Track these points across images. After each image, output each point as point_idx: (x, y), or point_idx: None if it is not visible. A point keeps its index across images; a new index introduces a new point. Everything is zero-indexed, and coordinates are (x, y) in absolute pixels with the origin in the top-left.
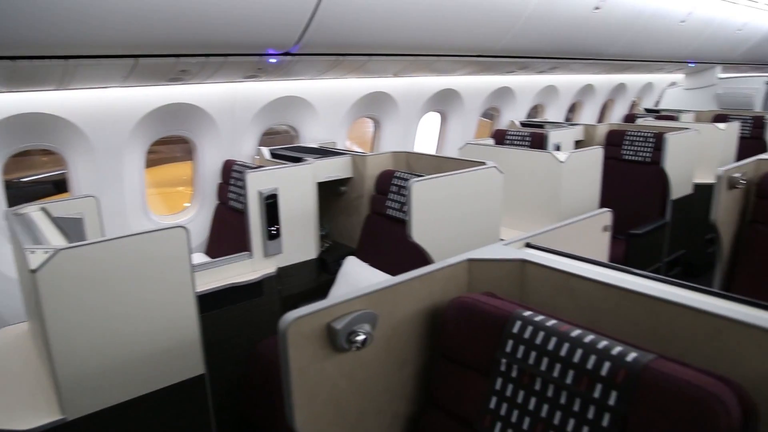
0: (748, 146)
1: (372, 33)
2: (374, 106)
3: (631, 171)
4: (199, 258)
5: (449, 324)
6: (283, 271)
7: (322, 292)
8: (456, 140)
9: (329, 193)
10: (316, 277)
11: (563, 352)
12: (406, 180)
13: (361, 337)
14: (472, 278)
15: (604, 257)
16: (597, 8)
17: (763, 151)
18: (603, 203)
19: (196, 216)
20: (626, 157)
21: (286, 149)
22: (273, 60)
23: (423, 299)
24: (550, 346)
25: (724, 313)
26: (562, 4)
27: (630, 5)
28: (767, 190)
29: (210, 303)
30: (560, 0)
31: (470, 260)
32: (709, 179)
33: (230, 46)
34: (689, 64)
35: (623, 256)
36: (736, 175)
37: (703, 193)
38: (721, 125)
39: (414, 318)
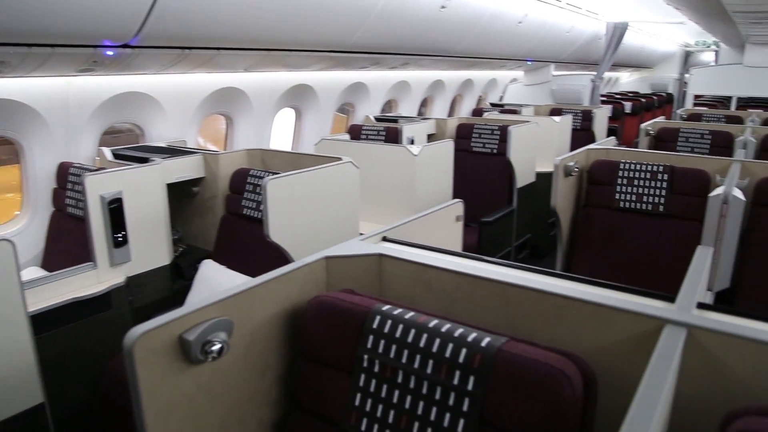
0: (579, 137)
1: (219, 26)
2: (226, 102)
3: (480, 162)
4: (34, 273)
5: (309, 324)
6: (133, 281)
7: (178, 299)
8: (312, 136)
9: (181, 194)
10: (172, 285)
11: (422, 343)
12: (261, 178)
13: (216, 347)
14: (331, 276)
15: (458, 246)
16: (443, 7)
17: (592, 141)
18: (456, 194)
19: (28, 226)
20: (475, 149)
21: (131, 149)
22: (110, 53)
23: (281, 301)
24: (410, 338)
25: (566, 293)
26: (411, 3)
27: (472, 6)
28: (597, 177)
29: (48, 322)
30: None
31: (327, 258)
32: (548, 168)
33: (57, 36)
34: (527, 62)
35: (477, 242)
36: (571, 163)
37: (544, 180)
38: (557, 118)
39: (273, 321)
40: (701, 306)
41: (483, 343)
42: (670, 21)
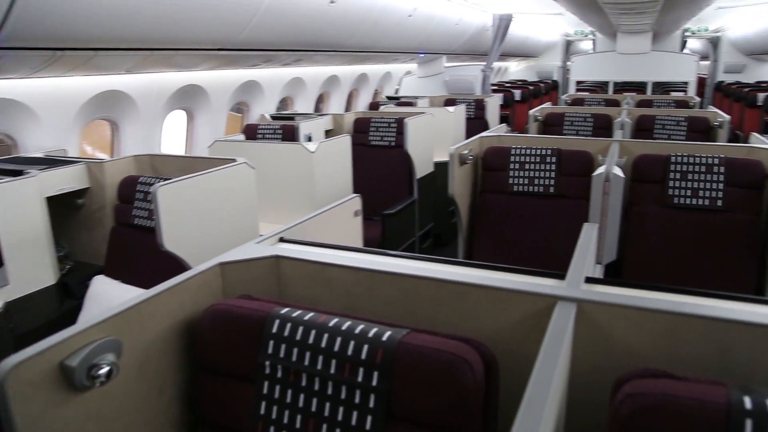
0: (474, 126)
1: (95, 24)
2: (109, 106)
3: (379, 155)
4: None
5: (206, 335)
6: (13, 306)
7: (69, 321)
8: (206, 138)
9: (64, 207)
10: (59, 306)
11: (323, 343)
12: (151, 185)
13: (104, 370)
14: (227, 282)
15: (359, 241)
16: (332, 2)
17: (485, 129)
18: (356, 189)
19: None
20: (373, 142)
21: (2, 162)
22: None
23: (175, 313)
24: (311, 339)
25: (463, 279)
26: None
27: (362, 0)
28: (490, 164)
29: None
30: None
31: (222, 264)
32: (445, 157)
33: None
34: (420, 55)
35: (380, 236)
36: (465, 152)
37: (443, 170)
38: (451, 108)
39: (168, 335)
40: (589, 280)
41: (384, 338)
42: (550, 12)
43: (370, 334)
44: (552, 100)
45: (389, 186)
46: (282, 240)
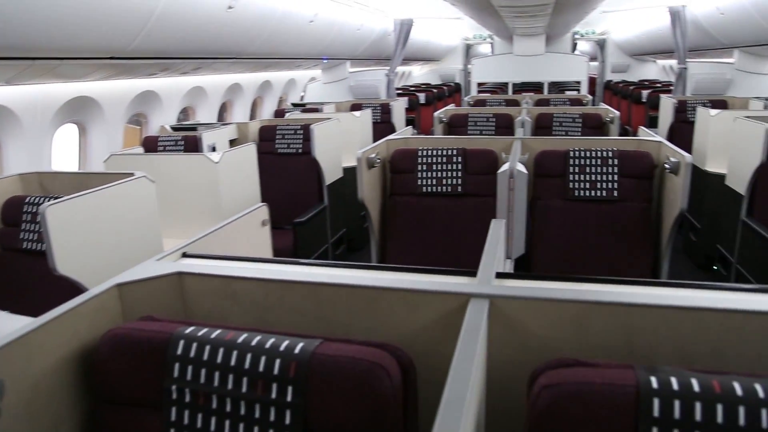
0: (381, 130)
1: None
2: None
3: (287, 163)
4: None
5: (105, 364)
6: None
7: None
8: (101, 153)
9: None
10: None
11: (233, 361)
12: (39, 205)
13: None
14: (126, 305)
15: (268, 252)
16: (230, 7)
17: (393, 132)
18: (265, 198)
19: None
20: (280, 150)
21: None
22: None
23: (68, 342)
24: (219, 358)
25: (375, 284)
26: (194, 3)
27: (261, 6)
28: (398, 166)
29: None
30: None
31: (119, 285)
32: (353, 162)
33: None
34: (323, 60)
35: (293, 245)
36: (372, 155)
37: (352, 175)
38: (357, 113)
39: (61, 368)
40: (500, 276)
41: (296, 350)
42: (450, 17)
43: (282, 348)
44: (456, 102)
45: (299, 194)
46: (185, 255)
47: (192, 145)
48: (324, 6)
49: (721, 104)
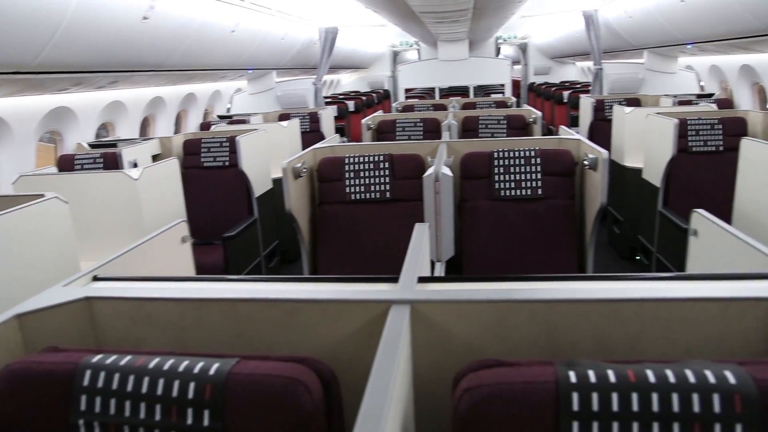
0: (310, 139)
1: None
2: None
3: (213, 177)
4: None
5: (2, 403)
6: None
7: None
8: (10, 174)
9: None
10: None
11: (144, 388)
12: None
13: None
14: (28, 336)
15: (190, 270)
16: (146, 18)
17: (322, 141)
18: (192, 214)
19: None
20: (206, 164)
21: None
22: None
23: None
24: (129, 386)
25: (294, 296)
26: (106, 14)
27: (179, 16)
28: (326, 175)
29: None
30: (102, 9)
31: (19, 315)
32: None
33: None
34: (248, 71)
35: (223, 260)
36: (298, 165)
37: (281, 186)
38: (284, 123)
39: None
40: (423, 280)
41: (212, 371)
42: (375, 24)
43: (196, 370)
44: (385, 109)
45: (227, 207)
46: (96, 279)
47: (111, 162)
48: (245, 15)
49: (635, 102)
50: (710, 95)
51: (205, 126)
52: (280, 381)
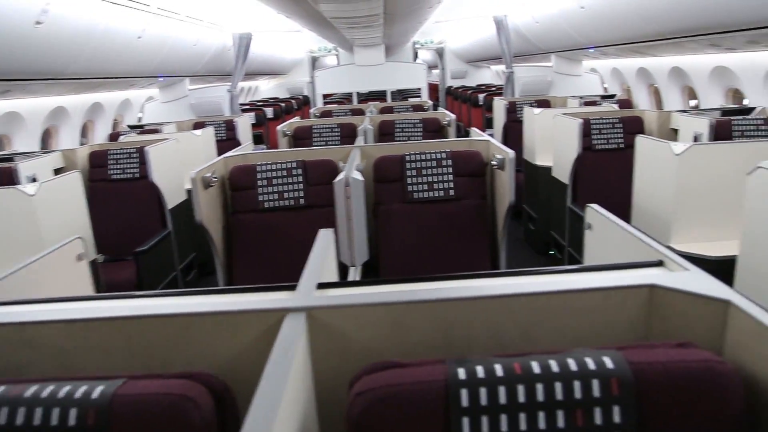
0: (226, 147)
1: None
2: None
3: (123, 190)
4: None
5: None
6: None
7: None
8: None
9: None
10: None
11: (19, 419)
12: None
13: None
14: None
15: (88, 289)
16: (39, 23)
17: None
18: (100, 229)
19: None
20: (115, 176)
21: None
22: None
23: None
24: (3, 419)
25: (189, 310)
26: None
27: (78, 21)
28: (238, 183)
29: None
30: None
31: None
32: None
33: None
34: (159, 79)
35: (136, 276)
36: (208, 174)
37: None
38: (198, 132)
39: None
40: (322, 286)
41: (94, 395)
42: (290, 29)
43: (78, 395)
44: (305, 115)
45: (139, 221)
46: None
47: (7, 178)
48: (152, 21)
49: (544, 103)
50: (612, 96)
51: (113, 137)
52: (168, 399)
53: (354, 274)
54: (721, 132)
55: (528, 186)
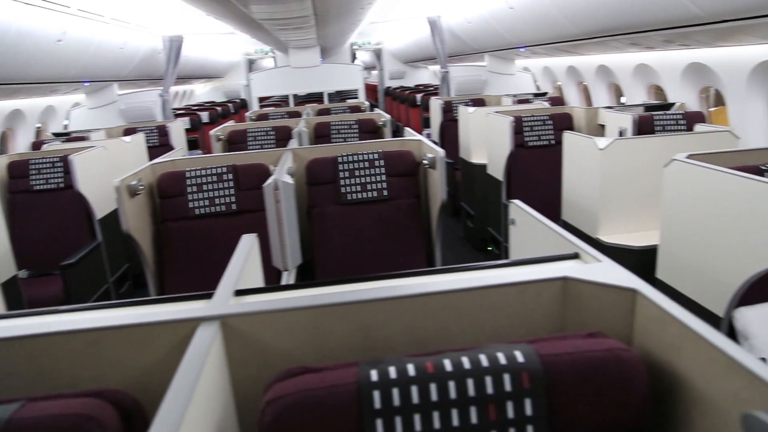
0: (159, 154)
1: None
2: None
3: (47, 201)
4: None
5: None
6: None
7: None
8: None
9: None
10: None
11: None
12: None
13: None
14: None
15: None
16: None
17: None
18: (23, 243)
19: None
20: (37, 187)
21: None
22: None
23: None
24: None
25: (96, 325)
26: None
27: None
28: (167, 190)
29: None
30: None
31: None
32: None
33: None
34: (85, 84)
35: (64, 291)
36: (134, 182)
37: None
38: (127, 138)
39: None
40: (240, 293)
41: None
42: (223, 32)
43: None
44: (242, 119)
45: (65, 233)
46: None
47: None
48: (73, 23)
49: (480, 102)
50: (544, 94)
51: (36, 145)
52: (69, 420)
53: (287, 279)
54: (644, 127)
55: (465, 184)
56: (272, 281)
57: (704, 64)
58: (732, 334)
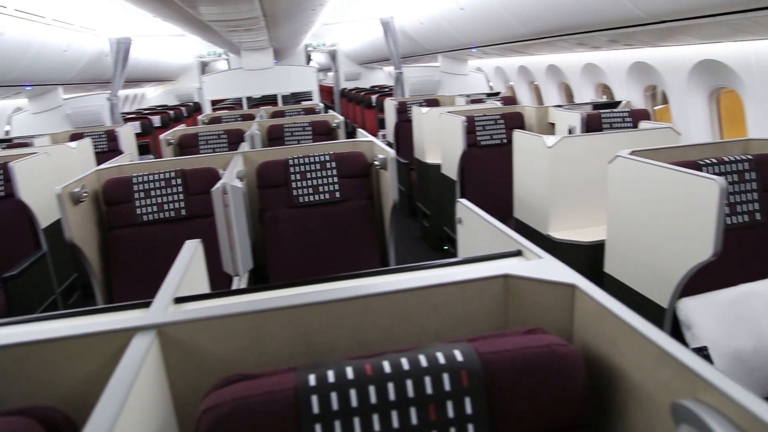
0: (107, 159)
1: None
2: None
3: None
4: None
5: None
6: None
7: None
8: None
9: None
10: None
11: None
12: None
13: None
14: None
15: None
16: None
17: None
18: None
19: None
20: None
21: None
22: None
23: None
24: None
25: (21, 339)
26: None
27: None
28: (113, 197)
29: None
30: None
31: None
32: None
33: None
34: (26, 87)
35: (6, 304)
36: (77, 189)
37: None
38: (72, 144)
39: None
40: (179, 300)
41: None
42: (173, 34)
43: None
44: (196, 123)
45: (7, 244)
46: None
47: None
48: (10, 24)
49: (433, 102)
50: (497, 93)
51: None
52: None
53: (239, 284)
54: (592, 124)
55: (420, 184)
56: (224, 287)
57: (648, 63)
58: (677, 324)
